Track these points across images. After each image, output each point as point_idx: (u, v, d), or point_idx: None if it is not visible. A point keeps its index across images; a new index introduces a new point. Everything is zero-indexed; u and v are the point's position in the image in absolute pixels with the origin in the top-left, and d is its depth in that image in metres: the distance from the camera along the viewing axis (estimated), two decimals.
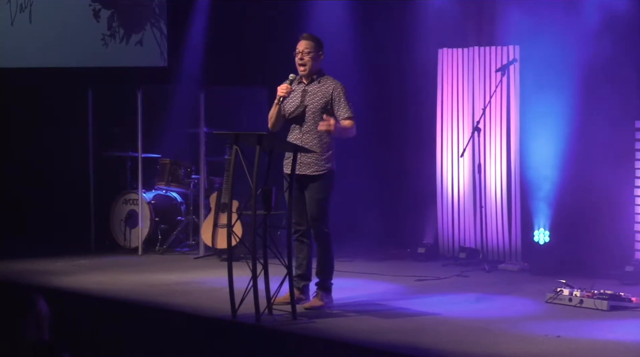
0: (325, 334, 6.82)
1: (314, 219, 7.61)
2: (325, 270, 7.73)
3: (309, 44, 7.68)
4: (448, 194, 10.72)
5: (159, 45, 12.29)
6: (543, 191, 9.91)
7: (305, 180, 7.62)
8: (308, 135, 7.62)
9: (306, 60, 7.67)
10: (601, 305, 7.61)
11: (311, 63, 7.67)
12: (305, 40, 7.70)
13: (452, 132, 10.67)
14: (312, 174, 7.61)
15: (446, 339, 6.68)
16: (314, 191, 7.59)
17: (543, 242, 9.94)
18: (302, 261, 7.78)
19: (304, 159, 7.57)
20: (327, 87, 7.69)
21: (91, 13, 12.27)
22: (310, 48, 7.67)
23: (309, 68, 7.69)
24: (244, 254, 9.03)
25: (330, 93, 7.66)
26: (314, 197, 7.59)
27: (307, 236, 7.75)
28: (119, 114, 11.42)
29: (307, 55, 7.67)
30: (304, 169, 7.58)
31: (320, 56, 7.73)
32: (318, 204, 7.60)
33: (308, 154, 7.54)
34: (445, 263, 10.21)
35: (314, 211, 7.60)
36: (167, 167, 11.22)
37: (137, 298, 8.20)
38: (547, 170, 9.85)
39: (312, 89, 7.71)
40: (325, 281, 7.74)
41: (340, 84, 7.73)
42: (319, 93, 7.68)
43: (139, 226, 11.01)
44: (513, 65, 10.10)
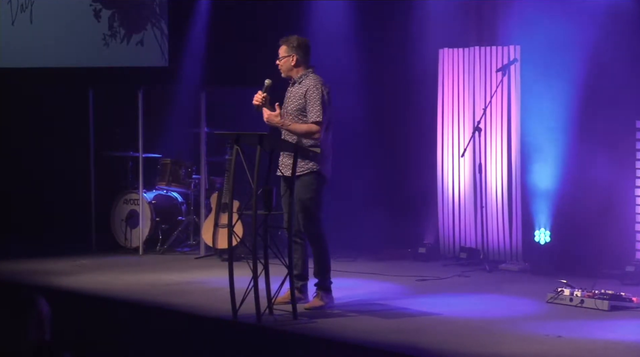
0: (326, 334, 6.82)
1: (301, 216, 7.67)
2: (322, 270, 7.76)
3: (282, 48, 7.87)
4: (449, 194, 10.72)
5: (160, 45, 12.29)
6: (544, 191, 9.91)
7: (289, 181, 7.62)
8: (289, 137, 7.73)
9: (281, 65, 7.88)
10: (602, 305, 7.61)
11: (286, 66, 7.86)
12: (281, 45, 7.90)
13: (453, 132, 10.67)
14: (298, 175, 7.61)
15: (447, 339, 6.69)
16: (297, 192, 7.57)
17: (544, 242, 9.94)
18: (297, 261, 7.78)
19: (286, 161, 7.66)
20: (302, 88, 7.79)
21: (92, 13, 12.28)
22: (283, 52, 7.86)
23: (286, 71, 7.88)
24: (245, 254, 9.04)
25: (303, 94, 7.76)
26: (297, 198, 7.59)
27: (300, 235, 7.78)
28: (119, 114, 11.42)
29: (280, 61, 7.87)
30: (286, 171, 7.63)
31: (294, 58, 7.82)
32: (301, 204, 7.63)
33: (289, 155, 7.58)
34: (446, 263, 10.22)
35: (298, 212, 7.65)
36: (168, 167, 11.23)
37: (137, 298, 8.20)
38: (547, 171, 9.86)
39: (294, 91, 7.86)
40: (323, 281, 7.76)
41: (316, 83, 7.75)
42: (296, 95, 7.81)
43: (139, 226, 11.01)
44: (514, 65, 10.10)
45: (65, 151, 11.85)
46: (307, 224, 7.68)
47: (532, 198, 10.05)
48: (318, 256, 7.77)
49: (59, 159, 11.90)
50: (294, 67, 7.85)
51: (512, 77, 10.16)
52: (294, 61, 7.83)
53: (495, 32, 10.41)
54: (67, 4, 12.25)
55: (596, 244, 9.40)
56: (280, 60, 7.88)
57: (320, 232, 7.73)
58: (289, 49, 7.84)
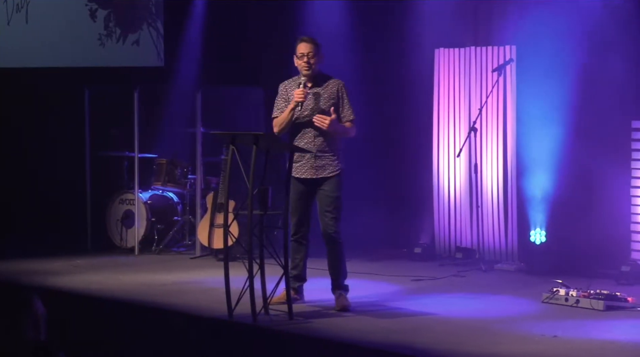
0: (322, 333, 6.82)
1: (331, 217, 7.68)
2: (342, 271, 7.81)
3: (313, 47, 7.68)
4: (444, 194, 10.72)
5: (156, 45, 12.28)
6: (539, 191, 9.92)
7: (320, 181, 7.69)
8: (320, 138, 7.66)
9: (312, 63, 7.67)
10: (597, 305, 7.62)
11: (316, 66, 7.70)
12: (308, 43, 7.70)
13: (449, 132, 10.67)
14: (328, 176, 7.70)
15: (443, 339, 6.69)
16: (330, 189, 7.67)
17: (539, 242, 9.95)
18: (299, 262, 7.82)
19: (319, 163, 7.65)
20: (332, 87, 7.74)
21: (88, 13, 12.28)
22: (314, 51, 7.67)
23: (313, 70, 7.70)
24: (240, 254, 9.03)
25: (335, 94, 7.72)
26: (330, 195, 7.68)
27: (307, 238, 7.83)
28: (115, 113, 11.42)
29: (312, 59, 7.66)
30: (320, 173, 7.66)
31: (322, 57, 7.76)
32: (334, 201, 7.69)
33: (322, 157, 7.64)
34: (441, 263, 10.22)
35: (331, 207, 7.68)
36: (163, 167, 11.22)
37: (133, 298, 8.20)
38: (543, 170, 9.87)
39: (319, 91, 7.72)
40: (343, 281, 7.81)
41: (342, 82, 7.81)
42: (325, 95, 7.70)
43: (135, 226, 11.01)
44: (509, 65, 10.11)
45: (61, 151, 11.85)
46: (337, 223, 7.73)
47: (527, 198, 10.06)
48: (340, 256, 7.82)
49: (54, 158, 11.90)
50: (319, 67, 7.77)
51: (508, 77, 10.17)
52: (321, 60, 7.78)
53: (491, 33, 10.42)
54: (62, 4, 12.25)
55: (592, 244, 9.41)
56: (312, 58, 7.68)
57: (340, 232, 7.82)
58: (317, 47, 7.73)
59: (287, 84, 7.85)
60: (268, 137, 7.54)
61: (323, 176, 7.67)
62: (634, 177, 9.35)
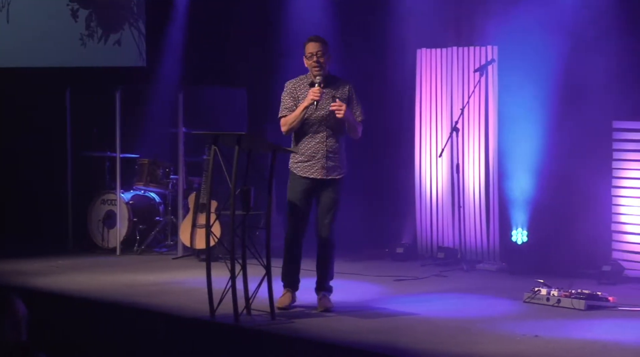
0: (304, 334, 6.82)
1: (330, 220, 7.62)
2: (330, 273, 7.76)
3: (323, 46, 7.61)
4: (426, 194, 10.74)
5: (138, 45, 12.26)
6: (521, 191, 9.94)
7: (326, 183, 7.63)
8: (332, 139, 7.61)
9: (322, 62, 7.57)
10: (578, 304, 7.65)
11: (326, 65, 7.62)
12: (318, 43, 7.61)
13: (431, 132, 10.69)
14: (337, 177, 7.64)
15: (424, 339, 6.70)
16: (335, 192, 7.63)
17: (521, 242, 9.98)
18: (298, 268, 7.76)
19: (330, 163, 7.58)
20: (344, 88, 7.68)
21: (69, 13, 12.24)
22: (324, 50, 7.59)
23: (323, 70, 7.60)
24: (223, 254, 9.01)
25: (347, 94, 7.67)
26: (334, 198, 7.62)
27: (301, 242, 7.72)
28: (97, 114, 11.38)
29: (322, 58, 7.57)
30: (331, 173, 7.60)
31: (330, 57, 7.69)
32: (337, 204, 7.64)
33: (333, 158, 7.58)
34: (423, 263, 10.23)
35: (333, 210, 7.62)
36: (145, 167, 11.20)
37: (115, 298, 8.18)
38: (525, 170, 9.89)
39: (327, 92, 7.61)
40: (329, 283, 7.77)
41: (350, 82, 7.77)
42: (337, 96, 7.62)
43: (117, 226, 10.98)
44: (491, 66, 10.14)
45: (43, 151, 11.81)
46: (335, 225, 7.67)
47: (509, 198, 10.09)
48: (332, 259, 7.76)
49: (36, 159, 11.85)
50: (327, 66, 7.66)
51: (490, 77, 10.19)
52: (330, 59, 7.69)
53: (473, 33, 10.44)
54: (44, 4, 12.21)
55: (573, 243, 9.44)
56: (322, 57, 7.58)
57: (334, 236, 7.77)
58: (326, 46, 7.65)
59: (296, 83, 7.73)
60: (250, 137, 7.53)
61: (331, 178, 7.60)
62: (615, 177, 9.39)
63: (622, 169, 9.37)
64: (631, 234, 9.29)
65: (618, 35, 9.12)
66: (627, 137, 9.35)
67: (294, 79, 7.80)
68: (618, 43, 9.12)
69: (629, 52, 9.07)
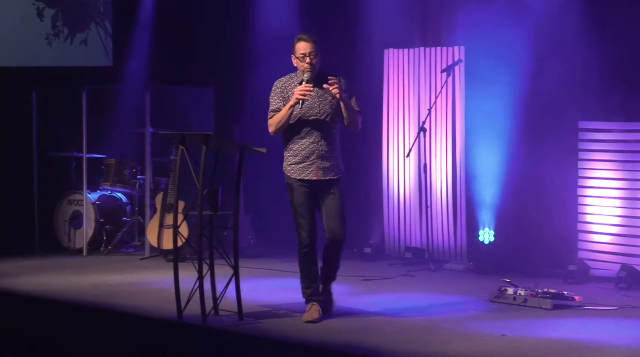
0: (272, 334, 6.81)
1: (341, 223, 7.35)
2: (332, 278, 7.53)
3: (314, 46, 7.32)
4: (394, 194, 10.76)
5: (104, 45, 12.21)
6: (488, 191, 9.99)
7: (325, 185, 7.37)
8: (325, 139, 7.35)
9: (315, 63, 7.31)
10: (545, 304, 7.69)
11: (318, 65, 7.35)
12: (308, 42, 7.32)
13: (398, 132, 10.72)
14: (334, 178, 7.40)
15: (392, 339, 6.71)
16: (337, 194, 7.37)
17: (488, 241, 10.03)
18: (316, 273, 7.46)
19: (325, 164, 7.34)
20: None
21: (35, 12, 12.16)
22: (316, 50, 7.32)
23: (315, 70, 7.33)
24: (190, 254, 8.99)
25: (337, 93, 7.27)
26: (338, 201, 7.36)
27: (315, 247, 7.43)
28: (63, 114, 11.32)
29: (315, 58, 7.31)
30: (326, 174, 7.35)
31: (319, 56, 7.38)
32: (342, 206, 7.38)
33: (328, 159, 7.34)
34: (391, 263, 10.25)
35: (339, 213, 7.35)
36: (112, 167, 11.16)
37: (81, 299, 8.13)
38: (492, 171, 9.94)
39: (320, 91, 7.33)
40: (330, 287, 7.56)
41: (342, 78, 7.42)
42: (328, 95, 7.31)
43: (83, 227, 10.93)
44: (458, 66, 10.17)
45: (8, 151, 11.73)
46: (344, 228, 7.37)
47: (476, 198, 10.13)
48: (337, 263, 7.49)
49: (1, 159, 11.77)
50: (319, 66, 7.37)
51: (457, 77, 10.23)
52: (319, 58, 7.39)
53: (440, 33, 10.48)
54: (9, 3, 12.12)
55: (539, 243, 9.50)
56: (315, 57, 7.30)
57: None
58: (317, 45, 7.35)
59: (285, 82, 7.43)
60: (218, 137, 7.50)
61: (329, 178, 7.35)
62: (581, 176, 9.45)
63: (588, 169, 9.43)
64: (597, 233, 9.35)
65: (584, 36, 9.18)
66: (593, 137, 9.42)
67: (284, 77, 7.50)
68: (584, 44, 9.17)
69: (595, 52, 9.12)
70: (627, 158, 9.20)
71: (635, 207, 9.11)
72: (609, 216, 9.28)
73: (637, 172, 9.11)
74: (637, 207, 9.10)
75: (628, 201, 9.18)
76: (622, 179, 9.21)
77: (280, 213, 11.30)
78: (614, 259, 9.16)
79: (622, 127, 9.24)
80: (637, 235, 9.08)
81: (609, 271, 9.07)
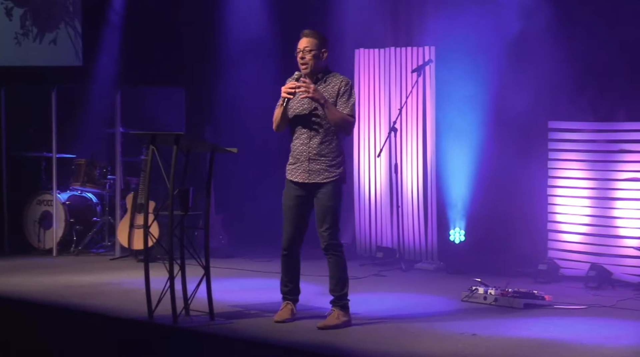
0: (243, 334, 6.81)
1: (325, 228, 7.08)
2: (339, 286, 7.22)
3: (311, 42, 7.06)
4: (365, 194, 10.78)
5: (74, 45, 12.15)
6: (458, 191, 10.03)
7: (314, 188, 7.11)
8: (316, 140, 7.07)
9: (308, 59, 7.06)
10: (515, 303, 7.72)
11: (313, 62, 7.06)
12: (307, 38, 7.08)
13: (369, 132, 10.73)
14: (322, 181, 7.08)
15: (363, 339, 6.71)
16: (324, 198, 7.06)
17: (458, 241, 10.06)
18: (294, 278, 7.40)
19: (313, 166, 7.06)
20: (334, 85, 7.10)
21: (3, 11, 12.09)
22: (312, 46, 7.05)
23: (311, 67, 7.07)
24: (161, 254, 8.98)
25: (337, 91, 7.07)
26: (324, 205, 7.06)
27: (298, 251, 7.34)
28: (33, 113, 11.26)
29: (308, 54, 7.05)
30: (314, 177, 7.06)
31: (324, 54, 7.11)
32: (329, 211, 7.06)
33: (317, 161, 7.06)
34: (362, 263, 10.26)
35: (324, 219, 7.07)
36: (82, 167, 11.10)
37: (52, 300, 8.09)
38: (462, 171, 9.97)
39: (320, 89, 7.07)
40: (341, 298, 7.21)
41: (346, 79, 7.14)
42: (325, 94, 7.04)
43: (53, 227, 10.87)
44: (429, 66, 10.20)
45: None
46: (333, 234, 7.11)
47: (447, 198, 10.17)
48: (338, 269, 7.21)
49: None
50: (321, 63, 7.12)
51: (427, 77, 10.25)
52: (325, 56, 7.12)
53: (411, 33, 10.51)
54: None
55: (509, 243, 9.55)
56: (309, 53, 7.05)
57: (341, 243, 7.26)
58: (320, 42, 7.08)
59: (290, 80, 7.18)
60: (188, 137, 7.47)
61: (316, 182, 7.06)
62: (551, 176, 9.50)
63: (557, 169, 9.49)
64: (566, 233, 9.41)
65: (554, 36, 9.23)
66: (562, 137, 9.47)
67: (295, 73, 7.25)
68: (554, 44, 9.23)
69: (564, 53, 9.18)
70: (596, 158, 9.26)
71: (605, 206, 9.17)
72: (579, 216, 9.34)
73: (606, 171, 9.17)
74: (607, 207, 9.16)
75: (598, 201, 9.23)
76: (591, 179, 9.26)
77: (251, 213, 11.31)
78: (584, 258, 9.21)
79: (591, 127, 9.29)
80: (606, 234, 9.14)
81: (579, 270, 9.12)
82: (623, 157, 9.06)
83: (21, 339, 7.60)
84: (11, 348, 7.56)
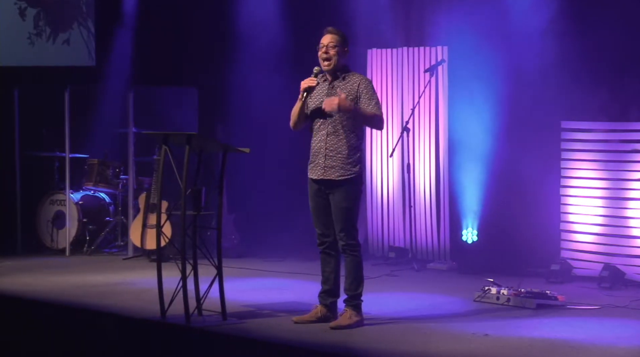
0: (255, 334, 6.81)
1: (340, 229, 7.08)
2: (353, 285, 7.17)
3: (335, 38, 7.09)
4: (377, 194, 10.77)
5: (87, 45, 12.17)
6: (471, 191, 10.01)
7: (330, 186, 7.08)
8: (333, 136, 7.07)
9: (331, 54, 7.07)
10: (528, 303, 7.71)
11: (336, 58, 7.08)
12: (331, 34, 7.10)
13: (382, 132, 10.71)
14: (338, 179, 7.05)
15: (375, 338, 6.71)
16: (339, 199, 7.05)
17: (471, 241, 10.04)
18: (329, 275, 7.27)
19: (329, 163, 7.05)
20: (353, 83, 7.10)
21: (17, 11, 12.12)
22: (335, 42, 7.08)
23: (334, 63, 7.09)
24: (173, 254, 8.98)
25: (356, 89, 7.07)
26: (338, 206, 7.05)
27: (334, 248, 7.23)
28: (46, 113, 11.29)
29: (332, 49, 7.07)
30: (329, 174, 7.05)
31: (346, 52, 7.16)
32: (344, 213, 7.05)
33: (333, 158, 7.05)
34: (374, 262, 10.26)
35: (339, 220, 7.07)
36: (95, 167, 11.13)
37: (64, 300, 8.10)
38: (475, 171, 9.96)
39: (339, 86, 7.11)
40: (354, 298, 7.17)
41: (365, 78, 7.20)
42: (344, 91, 7.06)
43: (66, 227, 10.90)
44: (441, 66, 10.19)
45: None
46: (347, 235, 7.09)
47: (459, 198, 10.15)
48: (351, 269, 7.18)
49: None
50: (342, 61, 7.15)
51: (440, 77, 10.25)
52: (345, 54, 7.17)
53: (423, 33, 10.50)
54: None
55: (522, 243, 9.53)
56: (333, 49, 7.07)
57: (359, 243, 7.22)
58: (342, 39, 7.13)
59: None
60: (201, 137, 7.48)
61: (332, 179, 7.03)
62: (564, 176, 9.48)
63: (570, 169, 9.46)
64: (579, 233, 9.38)
65: (567, 36, 9.20)
66: (575, 137, 9.45)
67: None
68: (566, 44, 9.20)
69: (577, 53, 9.15)
70: (609, 158, 9.23)
71: (618, 206, 9.15)
72: (592, 216, 9.32)
73: (619, 171, 9.15)
74: (620, 207, 9.14)
75: (610, 201, 9.21)
76: (604, 179, 9.24)
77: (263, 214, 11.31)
78: (597, 258, 9.19)
79: (604, 126, 9.27)
80: (619, 234, 9.12)
81: (592, 271, 9.10)
82: (636, 157, 9.04)
83: (34, 339, 7.61)
84: (23, 348, 7.58)
